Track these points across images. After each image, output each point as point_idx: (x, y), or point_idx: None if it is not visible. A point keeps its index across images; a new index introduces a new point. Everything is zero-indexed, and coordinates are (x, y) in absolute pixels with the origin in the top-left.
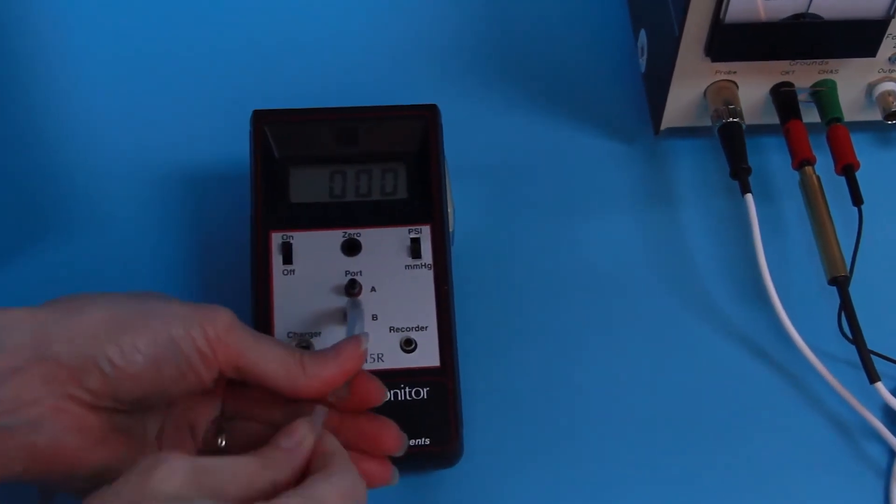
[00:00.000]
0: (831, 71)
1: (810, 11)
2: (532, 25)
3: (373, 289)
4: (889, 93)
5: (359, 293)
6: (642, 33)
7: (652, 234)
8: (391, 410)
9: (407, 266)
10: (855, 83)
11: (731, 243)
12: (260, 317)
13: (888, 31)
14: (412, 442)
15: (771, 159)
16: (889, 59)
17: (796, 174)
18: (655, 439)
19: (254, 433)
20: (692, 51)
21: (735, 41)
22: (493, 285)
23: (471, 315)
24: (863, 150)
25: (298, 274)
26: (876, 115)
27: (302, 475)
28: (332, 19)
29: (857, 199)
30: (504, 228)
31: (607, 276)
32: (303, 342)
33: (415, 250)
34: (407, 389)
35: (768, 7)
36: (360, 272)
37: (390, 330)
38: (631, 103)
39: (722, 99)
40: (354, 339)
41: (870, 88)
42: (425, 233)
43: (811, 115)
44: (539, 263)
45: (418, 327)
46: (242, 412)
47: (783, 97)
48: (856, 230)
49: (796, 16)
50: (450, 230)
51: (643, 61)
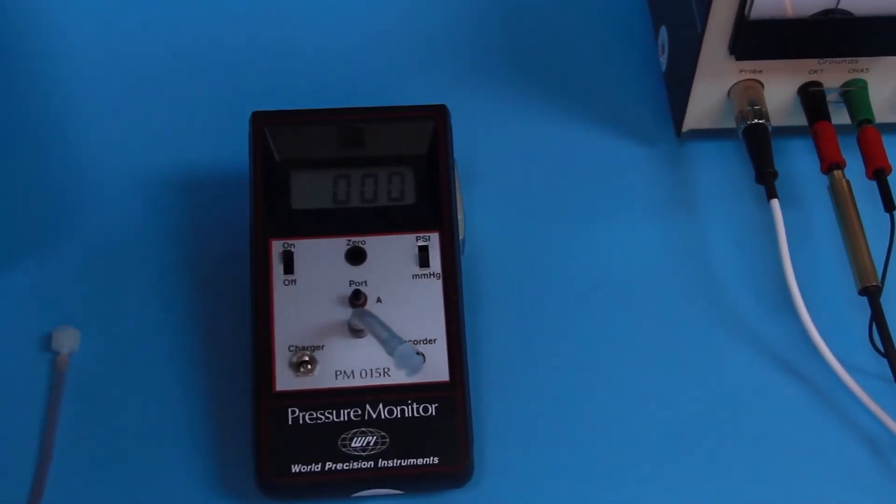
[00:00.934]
0: (862, 70)
1: (840, 7)
2: (546, 21)
3: (378, 299)
4: None
5: (364, 304)
6: (663, 30)
7: (673, 242)
8: (398, 428)
9: (414, 275)
10: (887, 82)
11: (757, 251)
12: (260, 329)
13: None
14: (419, 461)
15: (798, 163)
16: None
17: (825, 178)
18: (678, 458)
19: None
20: (715, 48)
21: (761, 38)
22: (505, 296)
23: (482, 327)
24: (895, 154)
25: (300, 284)
26: None
27: None
28: (335, 15)
29: (890, 205)
30: (517, 236)
31: (625, 287)
32: (304, 356)
33: (423, 259)
34: (414, 405)
35: (796, 3)
36: (365, 282)
37: None
38: (651, 104)
39: (747, 99)
40: None
41: None
42: (434, 240)
43: (841, 117)
44: (554, 273)
45: (426, 340)
46: None
47: (811, 97)
48: (888, 237)
49: (825, 11)
50: (460, 237)
51: (664, 60)
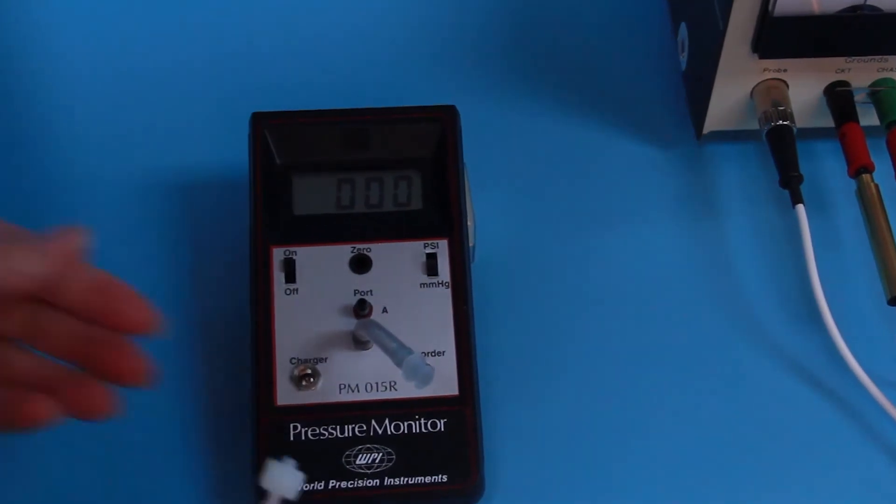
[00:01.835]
0: (892, 69)
1: (868, 3)
2: (560, 17)
3: (384, 309)
4: None
5: (369, 314)
6: (682, 27)
7: (693, 249)
8: (405, 444)
9: (422, 284)
10: None
11: (781, 259)
12: (260, 340)
13: None
14: (427, 479)
15: (825, 166)
16: None
17: (853, 182)
18: (698, 476)
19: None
20: (738, 46)
21: (785, 36)
22: (518, 306)
23: (493, 339)
24: None
25: (302, 293)
26: None
27: None
28: (338, 11)
29: None
30: (529, 243)
31: (643, 297)
32: (307, 368)
33: (431, 267)
34: (422, 421)
35: None
36: (371, 291)
37: None
38: (670, 104)
39: (771, 100)
40: (66, 234)
41: None
42: (442, 247)
43: (869, 118)
44: (569, 282)
45: (435, 352)
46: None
47: (838, 98)
48: None
49: (853, 8)
50: (470, 245)
51: (684, 58)
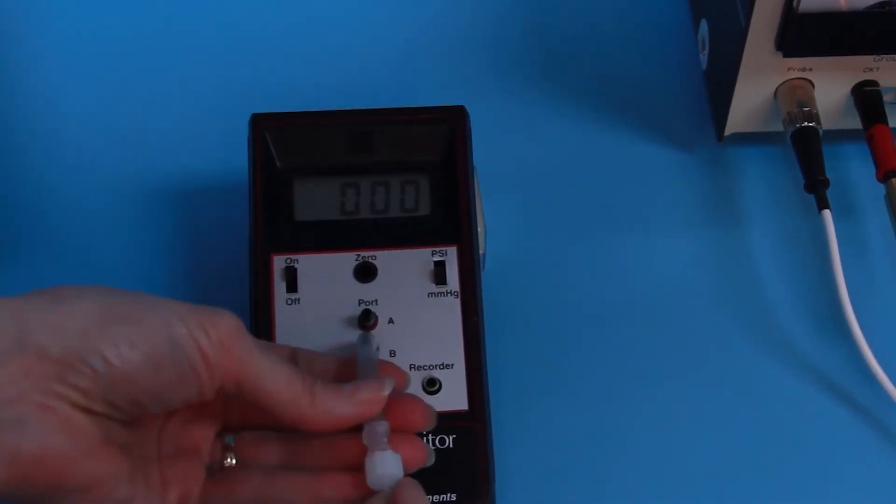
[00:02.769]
0: None
1: None
2: (575, 14)
3: (390, 320)
4: None
5: (374, 325)
6: (703, 24)
7: (714, 258)
8: None
9: (430, 294)
10: None
11: (807, 267)
12: None
13: None
14: (436, 497)
15: (852, 170)
16: None
17: (881, 187)
18: (720, 494)
19: (266, 446)
20: (761, 44)
21: (811, 33)
22: (530, 317)
23: (504, 351)
24: None
25: (304, 303)
26: None
27: None
28: (342, 7)
29: None
30: (542, 250)
31: (662, 306)
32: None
33: (439, 275)
34: (431, 436)
35: None
36: (376, 301)
37: (411, 368)
38: (690, 105)
39: (795, 100)
40: (376, 383)
41: None
42: (451, 255)
43: None
44: (583, 291)
45: (443, 365)
46: (248, 421)
47: (866, 98)
48: None
49: (881, 3)
50: (480, 252)
51: (704, 56)
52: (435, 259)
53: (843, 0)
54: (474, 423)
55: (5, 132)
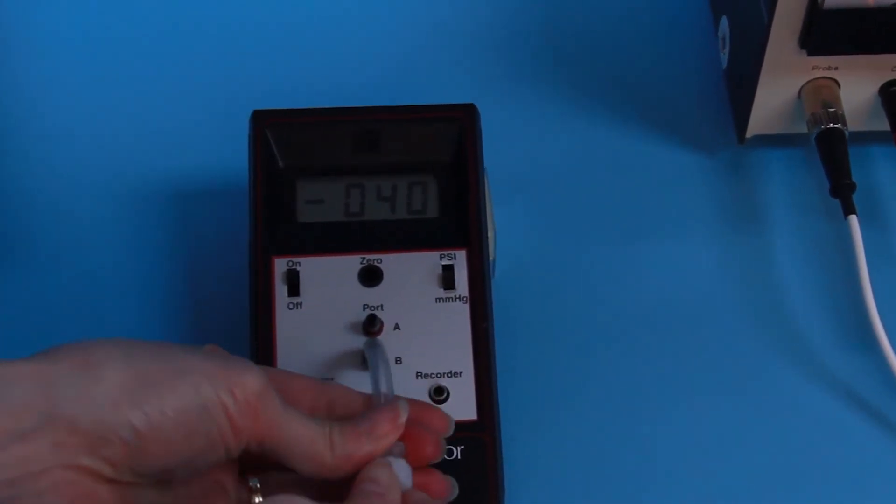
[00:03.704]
0: None
1: None
2: (591, 9)
3: (396, 326)
4: None
5: (379, 332)
6: (724, 21)
7: (735, 265)
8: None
9: (438, 299)
10: None
11: (832, 275)
12: (260, 359)
13: None
14: None
15: (879, 173)
16: None
17: None
18: None
19: (291, 486)
20: (784, 42)
21: (836, 30)
22: (542, 324)
23: (514, 359)
24: None
25: (306, 308)
26: None
27: None
28: (347, 1)
29: None
30: (555, 256)
31: (681, 316)
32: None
33: (447, 280)
34: None
35: None
36: (381, 306)
37: (417, 376)
38: (710, 106)
39: (820, 100)
40: (391, 413)
41: None
42: (460, 259)
43: None
44: (598, 299)
45: (451, 373)
46: (265, 464)
47: (894, 98)
48: None
49: None
50: (490, 257)
51: (725, 55)
52: (443, 263)
53: None
54: (483, 434)
55: (7, 134)
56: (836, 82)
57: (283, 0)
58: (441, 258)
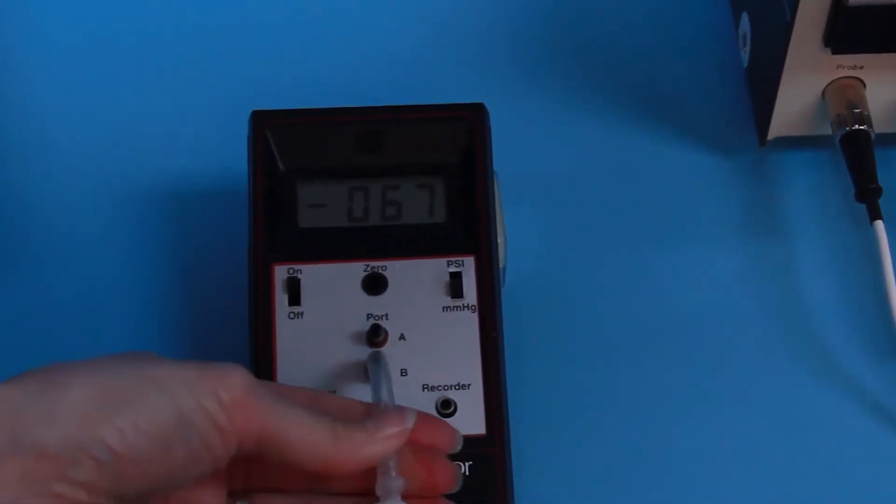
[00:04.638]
0: None
1: None
2: (606, 5)
3: (401, 336)
4: None
5: (384, 342)
6: (744, 18)
7: (757, 273)
8: None
9: (445, 308)
10: None
11: (858, 282)
12: (260, 370)
13: None
14: None
15: None
16: None
17: None
18: None
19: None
20: (808, 39)
21: (862, 28)
22: (554, 334)
23: (525, 371)
24: None
25: (308, 317)
26: None
27: None
28: None
29: None
30: (568, 264)
31: (700, 326)
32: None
33: (455, 288)
34: None
35: None
36: (386, 315)
37: (423, 388)
38: (730, 106)
39: (845, 101)
40: (399, 415)
41: None
42: (468, 266)
43: None
44: (613, 308)
45: (459, 385)
46: (252, 485)
47: None
48: None
49: None
50: (500, 264)
51: (745, 53)
52: (451, 270)
53: None
54: (492, 450)
55: (1, 135)
56: (862, 82)
57: (285, 2)
58: (448, 265)
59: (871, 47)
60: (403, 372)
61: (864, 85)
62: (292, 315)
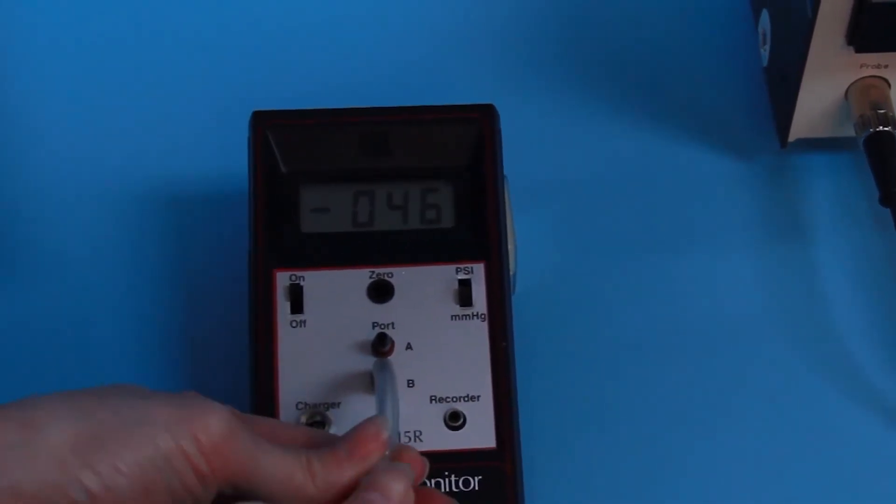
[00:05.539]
0: None
1: None
2: (620, 3)
3: (408, 346)
4: None
5: (390, 352)
6: (764, 15)
7: (777, 279)
8: None
9: (454, 316)
10: None
11: (881, 289)
12: (261, 382)
13: None
14: None
15: None
16: None
17: None
18: None
19: None
20: (830, 37)
21: (887, 25)
22: (567, 344)
23: (536, 382)
24: None
25: (311, 325)
26: None
27: None
28: None
29: None
30: (581, 269)
31: (718, 334)
32: (316, 416)
33: (464, 296)
34: (453, 478)
35: None
36: (392, 324)
37: (431, 400)
38: (749, 107)
39: (869, 101)
40: (370, 425)
41: None
42: (478, 273)
43: None
44: (628, 316)
45: (468, 397)
46: None
47: None
48: None
49: None
50: (510, 271)
51: (765, 51)
52: (459, 277)
53: None
54: (502, 463)
55: None
56: (887, 82)
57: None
58: (457, 272)
59: None
60: (410, 383)
61: (889, 85)
62: (294, 323)
